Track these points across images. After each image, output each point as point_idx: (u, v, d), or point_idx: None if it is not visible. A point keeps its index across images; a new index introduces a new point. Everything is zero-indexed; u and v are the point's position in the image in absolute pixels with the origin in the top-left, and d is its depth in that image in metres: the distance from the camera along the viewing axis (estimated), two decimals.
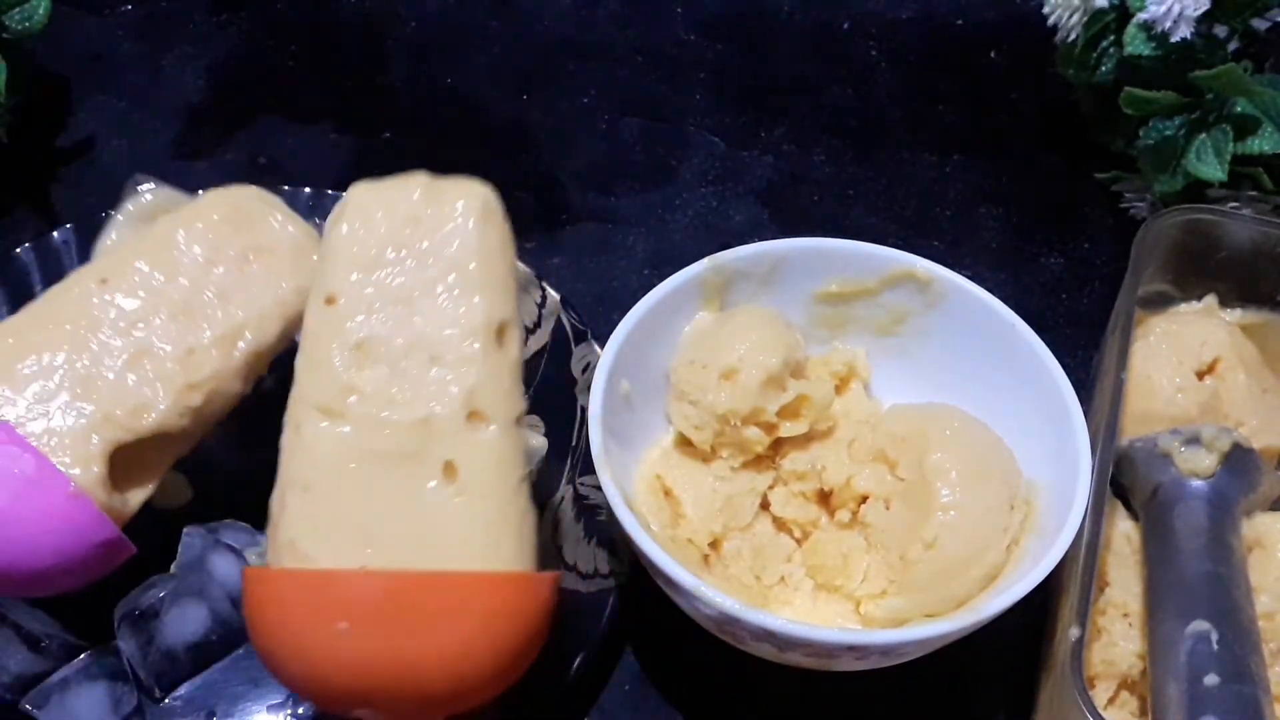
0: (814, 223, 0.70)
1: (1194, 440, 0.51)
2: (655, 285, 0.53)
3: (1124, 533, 0.52)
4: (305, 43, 0.79)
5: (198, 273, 0.50)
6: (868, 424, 0.53)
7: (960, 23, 0.82)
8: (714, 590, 0.45)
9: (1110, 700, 0.48)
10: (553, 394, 0.58)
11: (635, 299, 0.53)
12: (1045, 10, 0.68)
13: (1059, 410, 0.50)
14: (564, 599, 0.52)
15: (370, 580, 0.41)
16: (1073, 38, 0.66)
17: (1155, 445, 0.52)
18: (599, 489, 0.48)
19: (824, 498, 0.53)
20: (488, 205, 0.45)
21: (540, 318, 0.60)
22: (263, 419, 0.46)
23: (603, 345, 0.52)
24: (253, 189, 0.53)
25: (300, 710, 0.50)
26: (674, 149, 0.74)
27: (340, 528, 0.42)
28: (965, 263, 0.66)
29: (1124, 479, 0.53)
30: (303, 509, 0.42)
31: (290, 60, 0.78)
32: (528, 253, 0.65)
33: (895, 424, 0.52)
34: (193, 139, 0.73)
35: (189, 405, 0.49)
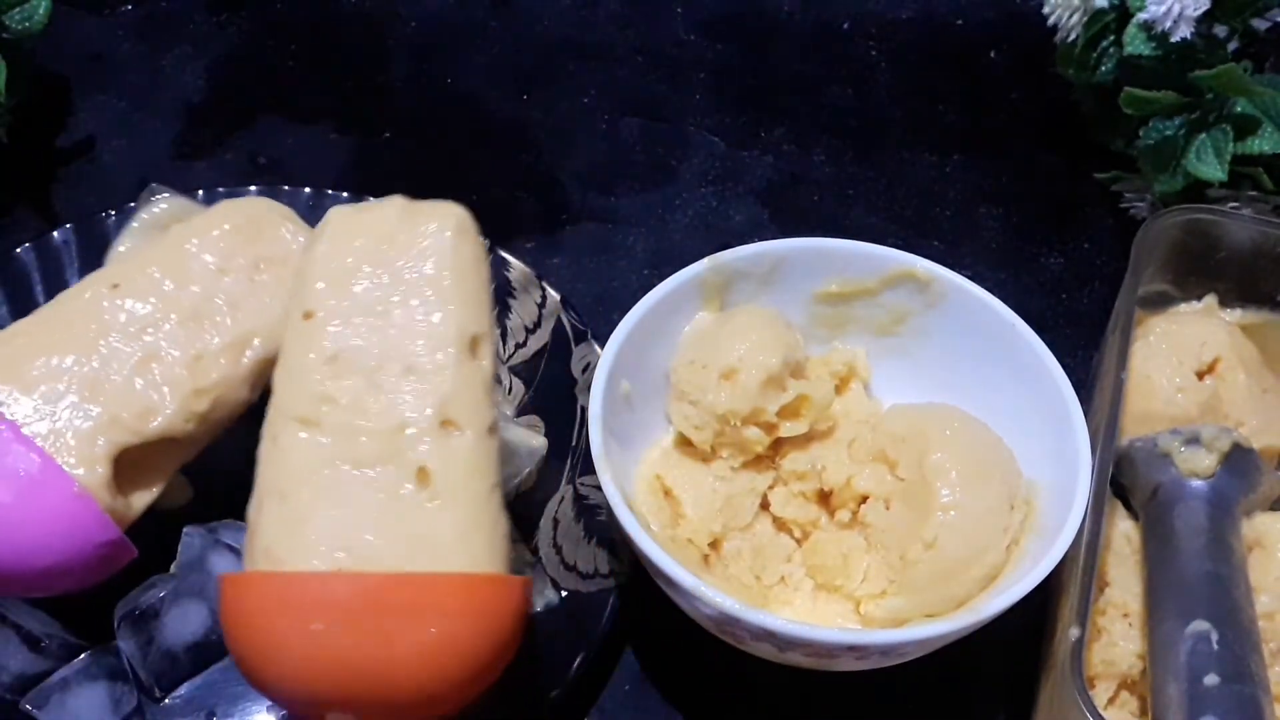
0: (814, 223, 0.70)
1: (1194, 440, 0.51)
2: (655, 285, 0.53)
3: (1124, 533, 0.52)
4: (305, 43, 0.79)
5: (209, 280, 0.50)
6: (868, 424, 0.53)
7: (960, 23, 0.82)
8: (714, 590, 0.45)
9: (1110, 700, 0.48)
10: (553, 394, 0.58)
11: (635, 299, 0.53)
12: (1045, 10, 0.68)
13: (1059, 410, 0.50)
14: (564, 599, 0.52)
15: (343, 581, 0.41)
16: (1073, 38, 0.66)
17: (1155, 445, 0.52)
18: (599, 489, 0.48)
19: (824, 498, 0.53)
20: (462, 224, 0.46)
21: (540, 318, 0.60)
22: (263, 420, 0.46)
23: (603, 345, 0.52)
24: (265, 200, 0.54)
25: None
26: (674, 149, 0.74)
27: (315, 533, 0.42)
28: (965, 263, 0.66)
29: (1124, 479, 0.53)
30: (278, 515, 0.43)
31: (290, 60, 0.78)
32: (528, 252, 0.65)
33: (895, 424, 0.52)
34: (193, 139, 0.73)
35: (195, 410, 0.49)
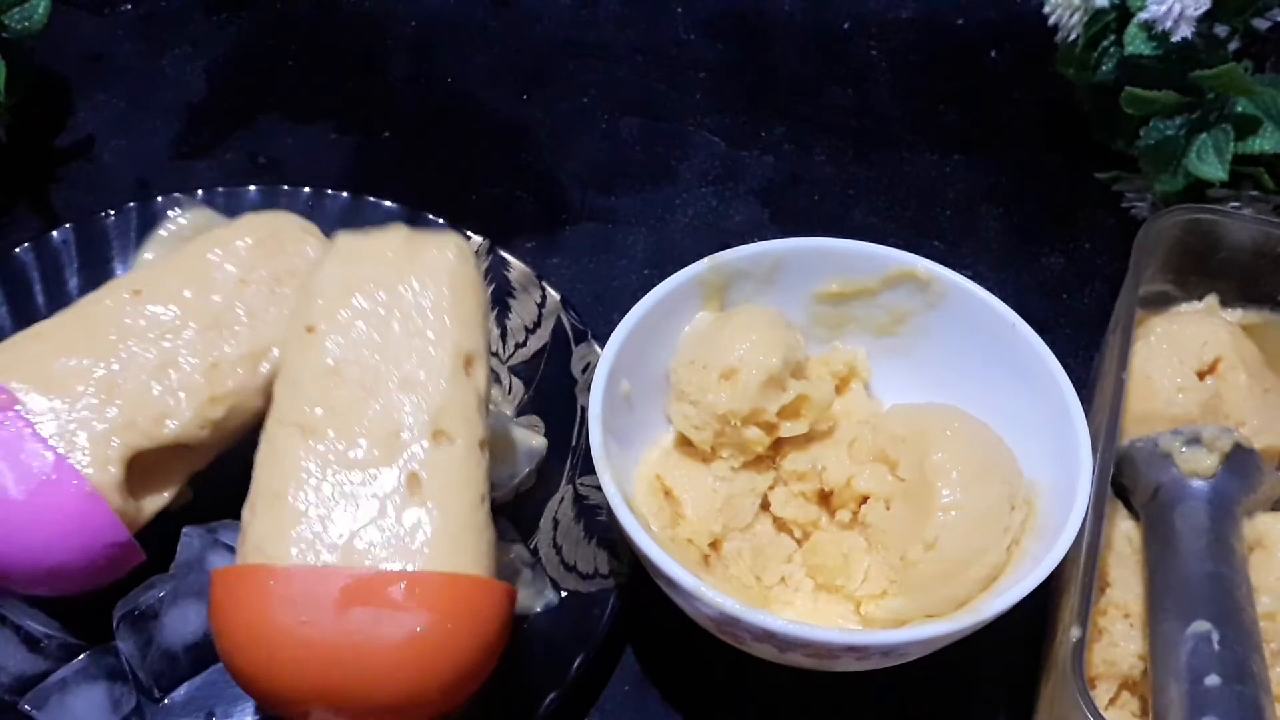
0: (814, 222, 0.70)
1: (1195, 440, 0.51)
2: (655, 285, 0.53)
3: (1125, 533, 0.52)
4: (305, 42, 0.79)
5: (230, 290, 0.51)
6: (868, 424, 0.53)
7: (961, 22, 0.82)
8: (714, 591, 0.45)
9: (1111, 701, 0.48)
10: (553, 394, 0.58)
11: (635, 299, 0.53)
12: (1045, 10, 0.67)
13: (1060, 410, 0.50)
14: (564, 600, 0.52)
15: (330, 576, 0.42)
16: (1073, 37, 0.66)
17: (1156, 445, 0.52)
18: (599, 489, 0.48)
19: (824, 498, 0.53)
20: (462, 252, 0.48)
21: (540, 318, 0.60)
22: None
23: (603, 345, 0.52)
24: (289, 215, 0.55)
25: None
26: (674, 149, 0.74)
27: (305, 531, 0.43)
28: (966, 262, 0.66)
29: (1125, 479, 0.53)
30: (271, 515, 0.44)
31: (290, 60, 0.78)
32: (527, 252, 0.65)
33: (896, 424, 0.52)
34: (192, 138, 0.73)
35: (210, 418, 0.49)
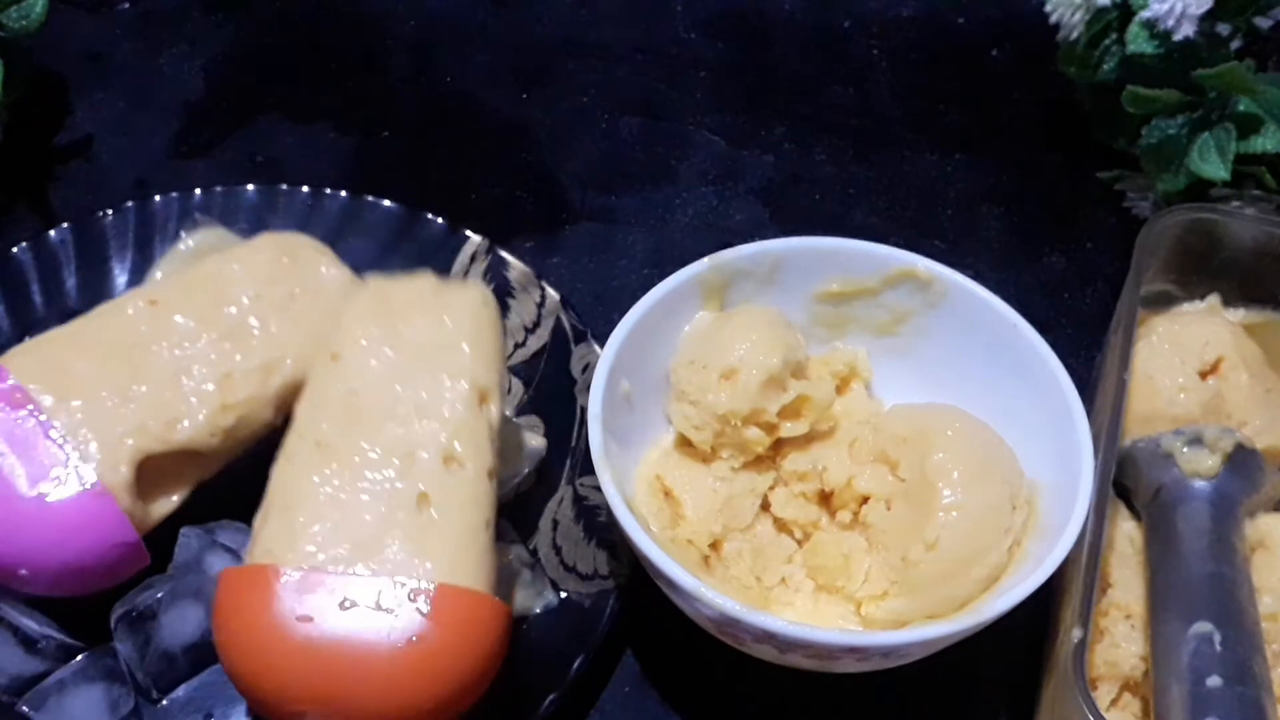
0: (814, 222, 0.70)
1: (1197, 440, 0.51)
2: (655, 285, 0.53)
3: (1126, 534, 0.52)
4: (304, 42, 0.79)
5: (245, 304, 0.53)
6: (869, 424, 0.53)
7: (961, 21, 0.82)
8: (714, 592, 0.45)
9: (1113, 702, 0.48)
10: (552, 394, 0.57)
11: (635, 299, 0.53)
12: (1047, 9, 0.67)
13: (1061, 410, 0.50)
14: (564, 600, 0.52)
15: (333, 578, 0.43)
16: (1075, 36, 0.66)
17: (1158, 446, 0.52)
18: (599, 489, 0.48)
19: (825, 498, 0.52)
20: (486, 298, 0.51)
21: (539, 317, 0.60)
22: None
23: (603, 345, 0.52)
24: (305, 236, 0.57)
25: None
26: (674, 148, 0.74)
27: (312, 538, 0.45)
28: (966, 262, 0.66)
29: (1126, 479, 0.53)
30: (282, 523, 0.46)
31: (289, 59, 0.78)
32: (527, 252, 0.65)
33: (896, 424, 0.52)
34: (191, 138, 0.73)
35: (221, 425, 0.51)
